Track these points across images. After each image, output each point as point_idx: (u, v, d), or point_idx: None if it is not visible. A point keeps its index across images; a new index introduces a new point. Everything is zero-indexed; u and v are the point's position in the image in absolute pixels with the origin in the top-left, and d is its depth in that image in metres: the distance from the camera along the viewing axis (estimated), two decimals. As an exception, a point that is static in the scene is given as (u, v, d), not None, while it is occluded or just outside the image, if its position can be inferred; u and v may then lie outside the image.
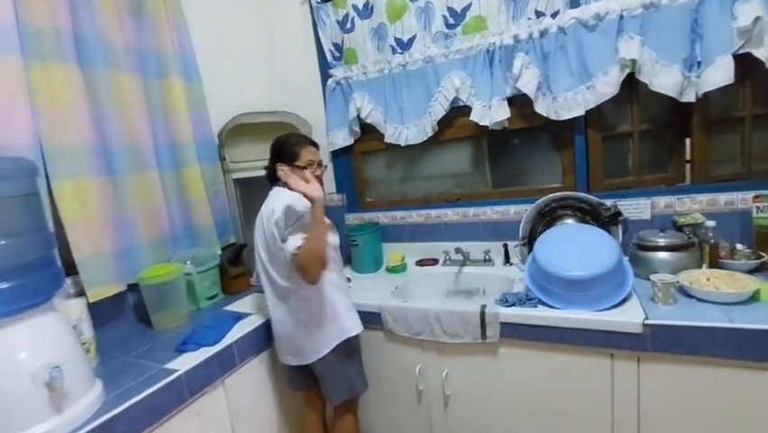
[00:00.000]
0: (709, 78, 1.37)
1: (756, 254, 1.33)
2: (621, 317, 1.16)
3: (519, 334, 1.30)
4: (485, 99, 1.71)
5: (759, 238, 1.37)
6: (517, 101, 1.69)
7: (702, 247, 1.36)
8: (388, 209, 2.09)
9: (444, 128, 1.88)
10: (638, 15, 1.44)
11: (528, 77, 1.60)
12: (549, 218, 1.64)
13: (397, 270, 1.89)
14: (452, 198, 1.99)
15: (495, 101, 1.69)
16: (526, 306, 1.31)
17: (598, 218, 1.55)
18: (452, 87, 1.76)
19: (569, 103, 1.58)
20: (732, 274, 1.24)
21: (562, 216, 1.62)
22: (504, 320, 1.31)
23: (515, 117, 1.73)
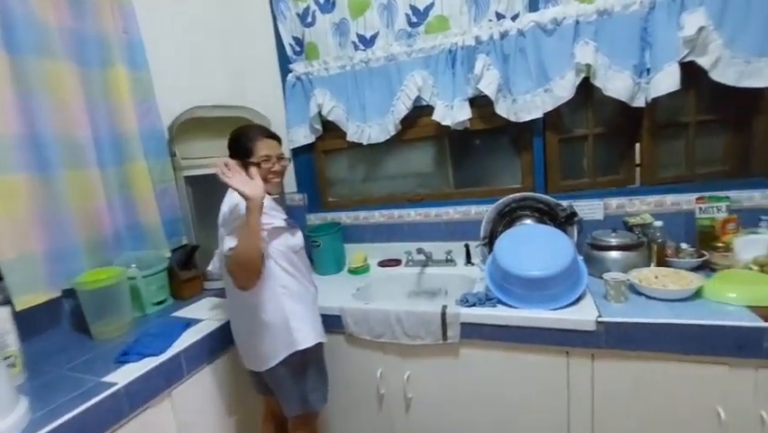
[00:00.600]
0: (658, 85, 1.44)
1: (699, 253, 1.41)
2: (576, 316, 1.18)
3: (479, 334, 1.30)
4: (447, 99, 1.71)
5: (701, 237, 1.45)
6: (479, 102, 1.70)
7: (651, 246, 1.42)
8: (350, 209, 2.05)
9: (407, 127, 1.87)
10: (593, 22, 1.49)
11: (489, 78, 1.62)
12: (509, 218, 1.66)
13: (359, 271, 1.86)
14: (415, 199, 1.98)
15: (457, 101, 1.69)
16: (486, 306, 1.31)
17: (555, 219, 1.58)
18: (414, 86, 1.74)
19: (528, 105, 1.61)
20: (678, 272, 1.29)
21: (521, 217, 1.64)
22: (464, 320, 1.30)
23: (476, 118, 1.74)
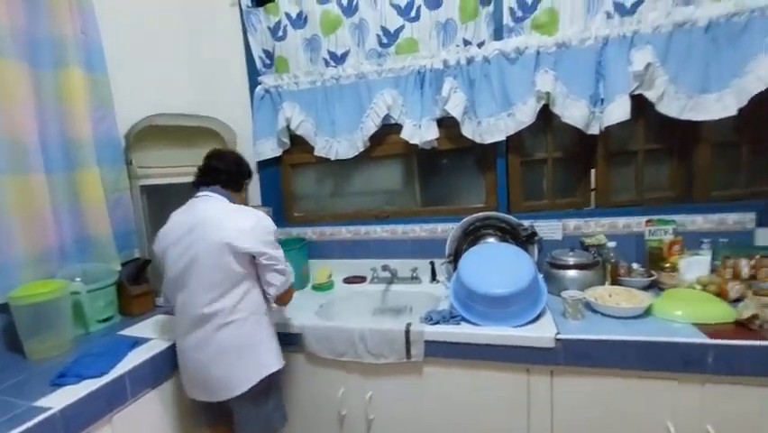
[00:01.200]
0: (610, 114, 1.53)
1: (649, 273, 1.48)
2: (536, 333, 1.21)
3: (443, 352, 1.29)
4: (415, 118, 1.74)
5: (651, 258, 1.53)
6: (446, 123, 1.75)
7: (605, 266, 1.48)
8: (316, 225, 2.02)
9: (376, 144, 1.88)
10: (552, 53, 1.58)
11: (456, 100, 1.67)
12: (473, 237, 1.69)
13: (323, 288, 1.82)
14: (382, 215, 1.98)
15: (425, 121, 1.73)
16: (450, 323, 1.31)
17: (517, 237, 1.63)
18: (384, 105, 1.77)
19: (492, 128, 1.67)
20: (629, 291, 1.36)
21: (485, 235, 1.68)
22: (428, 338, 1.29)
23: (443, 138, 1.78)
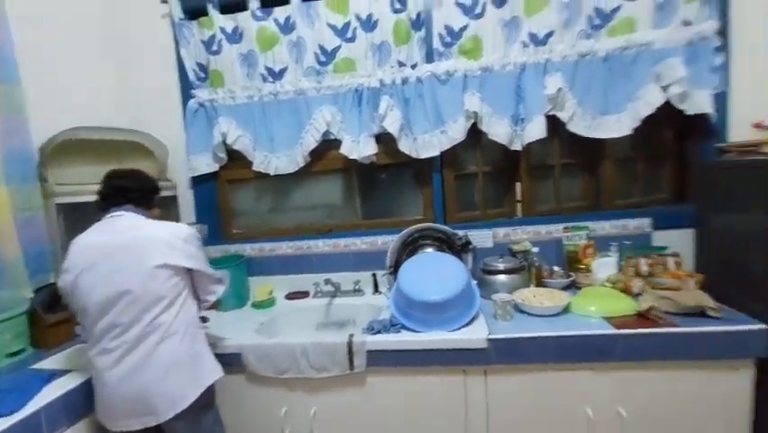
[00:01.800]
0: (530, 132, 1.70)
1: (567, 274, 1.64)
2: (470, 335, 1.28)
3: (385, 360, 1.32)
4: (354, 134, 1.80)
5: (569, 261, 1.70)
6: (384, 138, 1.82)
7: (531, 270, 1.62)
8: (256, 241, 1.98)
9: (316, 159, 1.91)
10: (478, 76, 1.72)
11: (392, 118, 1.75)
12: (412, 247, 1.76)
13: (264, 305, 1.78)
14: (323, 230, 1.99)
15: (363, 137, 1.79)
16: (391, 332, 1.35)
17: (453, 246, 1.72)
18: (323, 121, 1.81)
19: (426, 144, 1.77)
20: (551, 291, 1.49)
21: (423, 246, 1.76)
22: (370, 348, 1.32)
23: (382, 153, 1.85)
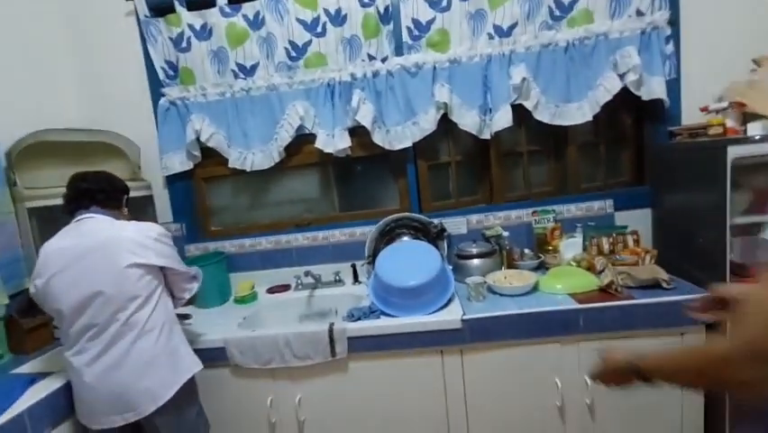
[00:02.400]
0: (497, 121, 1.76)
1: (537, 255, 1.73)
2: (446, 317, 1.35)
3: (365, 346, 1.37)
4: (328, 128, 1.82)
5: (538, 243, 1.78)
6: (359, 131, 1.85)
7: (502, 253, 1.69)
8: (235, 237, 1.99)
9: (292, 154, 1.93)
10: (446, 68, 1.77)
11: (365, 111, 1.78)
12: (389, 237, 1.81)
13: (246, 300, 1.80)
14: (302, 223, 2.02)
15: (337, 131, 1.82)
16: (370, 318, 1.40)
17: (428, 234, 1.78)
18: (296, 115, 1.82)
19: (399, 135, 1.81)
20: (521, 272, 1.57)
21: (400, 235, 1.81)
22: (351, 335, 1.37)
23: (357, 146, 1.88)
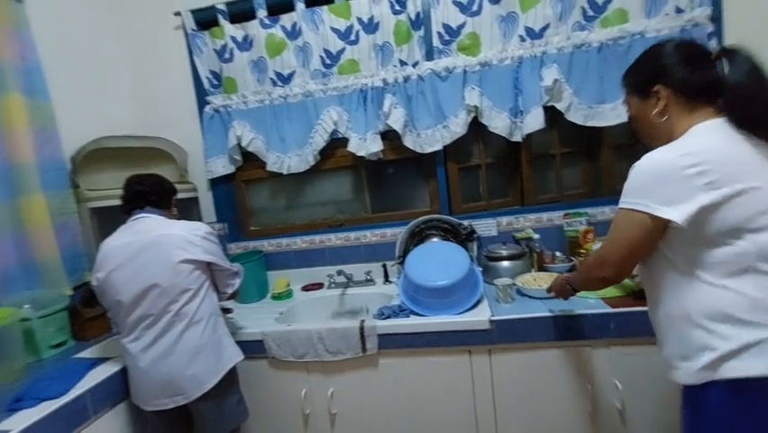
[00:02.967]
0: (529, 123, 1.76)
1: (569, 259, 1.71)
2: (474, 317, 1.37)
3: (395, 343, 1.42)
4: (360, 132, 1.88)
5: (570, 246, 1.76)
6: (390, 135, 1.91)
7: (532, 255, 1.69)
8: (272, 237, 2.09)
9: (326, 158, 2.00)
10: (477, 71, 1.79)
11: (396, 115, 1.83)
12: (419, 238, 1.85)
13: (282, 296, 1.89)
14: (335, 224, 2.09)
15: (369, 135, 1.87)
16: (400, 316, 1.45)
17: (458, 236, 1.80)
18: (330, 120, 1.90)
19: (430, 139, 1.84)
20: (552, 275, 1.55)
21: (430, 236, 1.84)
22: (381, 332, 1.42)
23: (388, 149, 1.94)
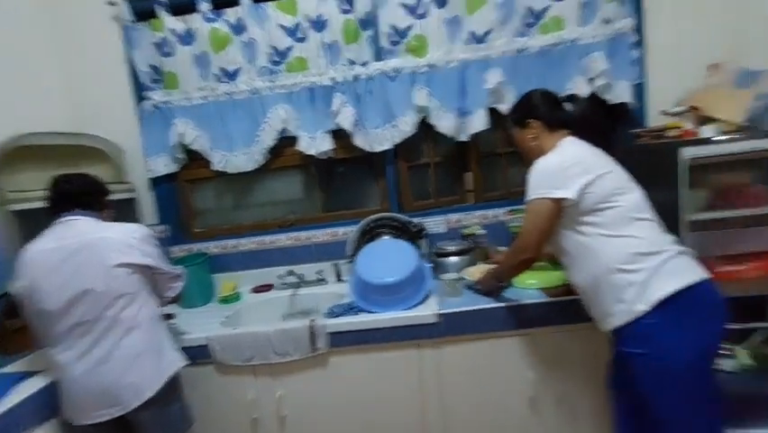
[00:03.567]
0: (474, 124, 1.82)
1: (512, 253, 1.78)
2: (422, 312, 1.40)
3: (346, 341, 1.42)
4: (310, 131, 1.87)
5: (513, 241, 1.84)
6: (341, 134, 1.90)
7: (479, 251, 1.75)
8: (219, 238, 2.02)
9: (276, 156, 1.96)
10: (425, 72, 1.83)
11: (346, 114, 1.83)
12: (370, 236, 1.86)
13: (229, 300, 1.83)
14: (285, 224, 2.05)
15: (319, 133, 1.86)
16: (350, 314, 1.45)
17: (408, 233, 1.83)
18: (278, 119, 1.86)
19: (379, 138, 1.86)
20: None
21: (380, 234, 1.85)
22: (331, 330, 1.41)
23: (339, 148, 1.93)
